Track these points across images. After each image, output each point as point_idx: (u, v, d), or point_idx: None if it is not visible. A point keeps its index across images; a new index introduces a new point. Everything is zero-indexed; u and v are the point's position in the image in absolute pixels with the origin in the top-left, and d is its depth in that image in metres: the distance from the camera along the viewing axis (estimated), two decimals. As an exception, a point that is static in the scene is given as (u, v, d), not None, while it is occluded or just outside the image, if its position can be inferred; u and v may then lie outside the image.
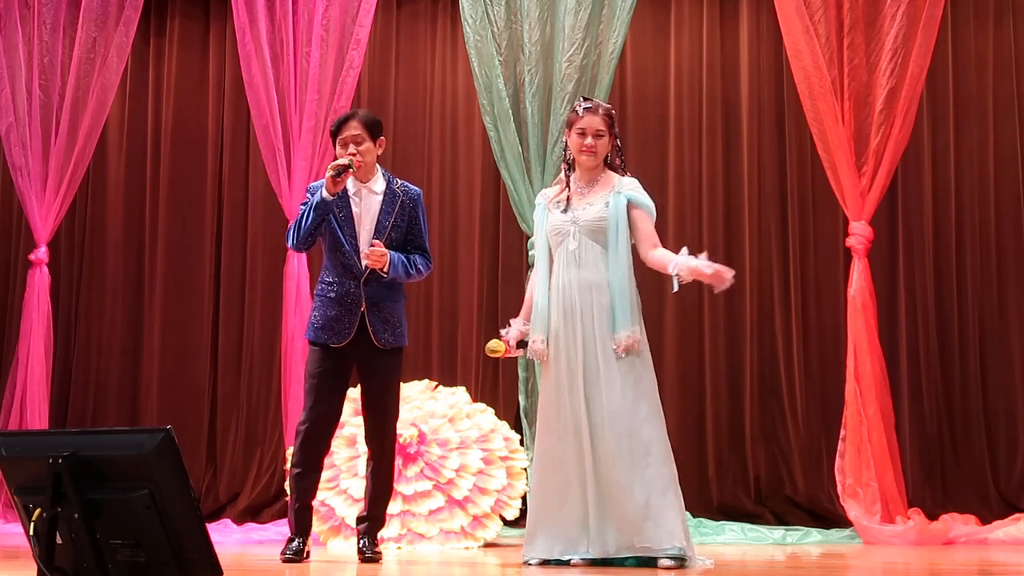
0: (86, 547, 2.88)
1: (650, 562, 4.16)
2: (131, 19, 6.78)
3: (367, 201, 4.69)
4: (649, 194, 4.42)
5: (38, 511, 2.88)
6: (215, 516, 6.51)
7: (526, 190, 6.28)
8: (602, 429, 4.20)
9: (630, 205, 4.32)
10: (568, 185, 4.45)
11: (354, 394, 4.99)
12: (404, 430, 5.55)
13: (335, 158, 4.68)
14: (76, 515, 2.86)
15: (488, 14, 6.38)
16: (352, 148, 4.62)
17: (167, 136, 7.31)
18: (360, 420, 5.58)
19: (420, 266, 4.72)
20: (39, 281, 6.76)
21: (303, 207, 4.65)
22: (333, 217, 4.61)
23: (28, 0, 6.85)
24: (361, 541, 4.66)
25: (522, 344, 4.44)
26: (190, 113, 7.32)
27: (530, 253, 6.29)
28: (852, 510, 5.74)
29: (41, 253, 6.78)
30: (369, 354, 4.63)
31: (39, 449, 2.95)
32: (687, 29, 6.91)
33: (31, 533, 2.90)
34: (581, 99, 4.48)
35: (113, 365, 7.20)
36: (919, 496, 6.12)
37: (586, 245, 4.32)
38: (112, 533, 2.88)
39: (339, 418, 4.74)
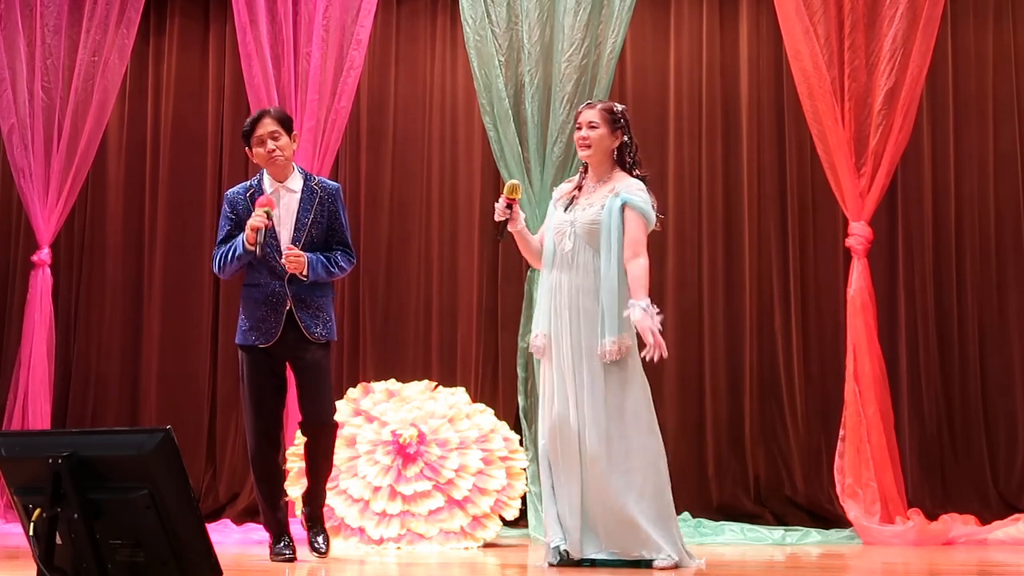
0: (86, 547, 2.89)
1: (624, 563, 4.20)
2: (132, 20, 6.76)
3: (286, 199, 4.70)
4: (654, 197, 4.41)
5: (38, 511, 2.89)
6: (215, 516, 6.50)
7: (526, 190, 6.28)
8: (585, 432, 4.22)
9: (624, 207, 4.27)
10: (580, 184, 4.44)
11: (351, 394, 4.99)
12: (404, 430, 5.55)
13: (255, 158, 4.72)
14: (76, 515, 2.86)
15: (488, 14, 6.38)
16: (271, 145, 4.63)
17: (167, 136, 7.30)
18: (359, 420, 5.61)
19: (342, 263, 4.74)
20: (41, 282, 6.73)
21: (222, 222, 4.68)
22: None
23: (30, 1, 6.84)
24: (316, 538, 4.75)
25: (502, 225, 4.32)
26: (190, 113, 7.30)
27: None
28: (852, 510, 5.74)
29: (43, 255, 6.76)
30: (300, 349, 4.65)
31: (39, 449, 2.96)
32: (687, 29, 6.90)
33: (31, 533, 2.91)
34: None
35: (113, 365, 7.19)
36: (919, 496, 6.12)
37: (580, 247, 4.30)
38: (111, 533, 2.89)
39: (282, 419, 4.78)
